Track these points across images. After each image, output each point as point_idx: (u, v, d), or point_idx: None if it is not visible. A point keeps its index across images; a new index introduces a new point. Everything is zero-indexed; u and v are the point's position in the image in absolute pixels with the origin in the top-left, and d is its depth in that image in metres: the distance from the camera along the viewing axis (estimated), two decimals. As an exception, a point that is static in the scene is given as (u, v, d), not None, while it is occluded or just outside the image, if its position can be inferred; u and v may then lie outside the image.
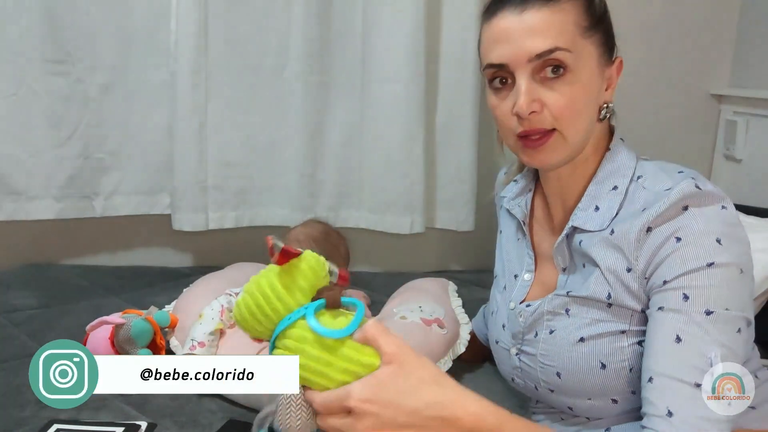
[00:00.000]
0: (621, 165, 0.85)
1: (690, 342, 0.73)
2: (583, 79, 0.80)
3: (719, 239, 0.74)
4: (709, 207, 0.76)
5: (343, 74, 1.77)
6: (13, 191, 1.68)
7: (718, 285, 0.73)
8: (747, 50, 1.90)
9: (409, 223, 1.83)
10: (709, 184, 0.77)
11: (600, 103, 0.84)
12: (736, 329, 0.74)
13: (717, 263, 0.74)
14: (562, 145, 0.82)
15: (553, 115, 0.80)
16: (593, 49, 0.81)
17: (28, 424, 1.04)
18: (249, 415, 1.11)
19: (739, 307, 0.74)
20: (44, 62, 1.64)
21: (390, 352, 0.64)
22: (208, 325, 1.16)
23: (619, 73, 0.86)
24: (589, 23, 0.81)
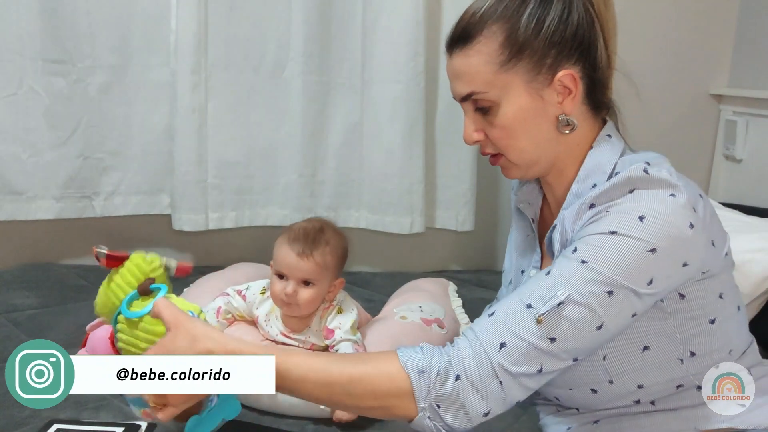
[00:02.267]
0: (601, 162, 0.86)
1: (552, 277, 0.76)
2: (512, 107, 0.83)
3: (642, 217, 0.74)
4: (654, 191, 0.76)
5: (343, 74, 1.77)
6: (13, 191, 1.68)
7: (608, 249, 0.74)
8: (746, 50, 1.90)
9: (409, 223, 1.83)
10: (665, 171, 0.77)
11: (555, 116, 0.85)
12: (605, 290, 0.73)
13: (621, 233, 0.74)
14: (512, 165, 0.89)
15: (493, 144, 0.87)
16: (518, 77, 0.82)
17: (28, 424, 1.04)
18: (249, 414, 1.11)
19: (622, 276, 0.73)
20: (44, 62, 1.64)
21: (168, 321, 0.77)
22: None
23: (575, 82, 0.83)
24: (507, 56, 0.81)
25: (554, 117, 0.85)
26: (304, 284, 1.15)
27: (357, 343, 1.16)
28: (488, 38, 0.82)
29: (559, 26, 0.81)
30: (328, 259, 1.16)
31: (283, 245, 1.16)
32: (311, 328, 1.18)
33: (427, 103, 1.77)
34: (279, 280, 1.16)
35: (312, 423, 1.10)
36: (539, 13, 0.80)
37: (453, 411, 0.74)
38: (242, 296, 1.23)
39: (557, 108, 0.84)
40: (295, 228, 1.18)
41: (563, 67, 0.82)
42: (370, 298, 1.61)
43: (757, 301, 1.31)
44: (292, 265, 1.14)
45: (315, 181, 1.81)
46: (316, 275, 1.15)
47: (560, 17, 0.81)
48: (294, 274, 1.14)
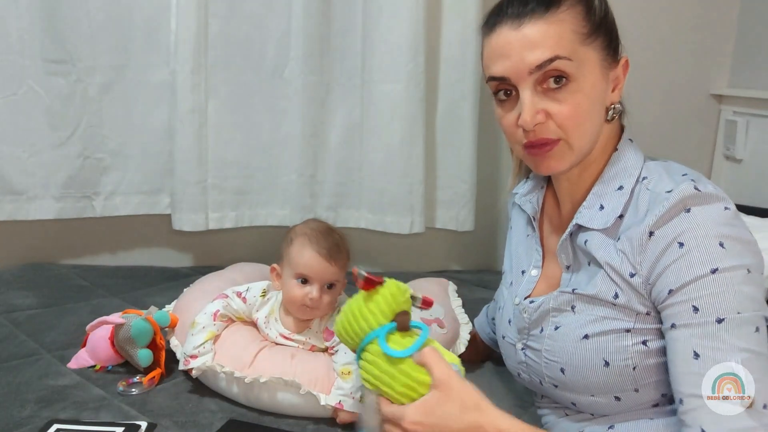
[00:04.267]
0: (627, 165, 0.86)
1: (708, 356, 0.72)
2: (586, 86, 0.81)
3: (722, 242, 0.74)
4: (710, 207, 0.76)
5: (343, 74, 1.77)
6: (13, 191, 1.68)
7: (724, 291, 0.73)
8: (747, 50, 1.90)
9: (409, 223, 1.83)
10: (710, 186, 0.77)
11: (606, 105, 0.85)
12: (753, 330, 0.73)
13: (721, 268, 0.73)
14: (567, 152, 0.83)
15: (558, 124, 0.81)
16: (595, 54, 0.81)
17: (28, 424, 1.04)
18: (249, 415, 1.11)
19: (751, 307, 0.73)
20: (44, 62, 1.64)
21: (439, 378, 0.75)
22: (198, 336, 1.16)
23: (626, 72, 0.86)
24: (589, 29, 0.81)
25: (605, 106, 0.85)
26: (327, 287, 1.15)
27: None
28: (572, 8, 0.80)
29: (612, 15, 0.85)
30: (347, 259, 1.17)
31: (306, 249, 1.13)
32: (311, 329, 1.18)
33: (427, 103, 1.77)
34: (301, 285, 1.14)
35: (312, 423, 1.10)
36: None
37: None
38: (242, 298, 1.23)
39: (609, 96, 0.85)
40: (308, 231, 1.16)
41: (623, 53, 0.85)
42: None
43: (757, 301, 1.31)
44: (320, 269, 1.12)
45: (315, 181, 1.81)
46: (339, 277, 1.16)
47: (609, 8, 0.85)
48: (321, 278, 1.13)
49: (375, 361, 0.78)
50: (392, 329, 0.80)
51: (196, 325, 1.17)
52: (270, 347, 1.17)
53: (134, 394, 1.16)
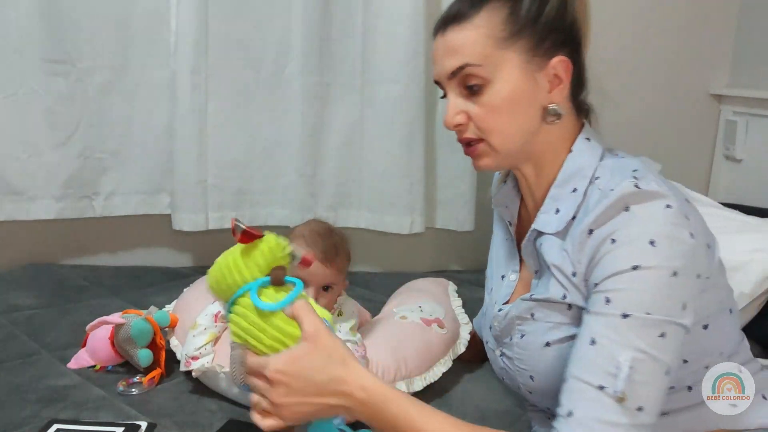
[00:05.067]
0: (581, 166, 0.85)
1: (603, 345, 0.72)
2: (505, 88, 0.82)
3: (653, 241, 0.72)
4: (650, 205, 0.74)
5: (343, 74, 1.77)
6: (13, 191, 1.68)
7: (640, 289, 0.72)
8: (746, 50, 1.90)
9: (409, 223, 1.83)
10: (654, 183, 0.75)
11: (542, 106, 0.84)
12: (657, 334, 0.71)
13: (642, 266, 0.72)
14: (492, 152, 0.85)
15: (477, 126, 0.84)
16: (515, 57, 0.82)
17: (28, 424, 1.04)
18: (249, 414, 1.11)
19: (663, 311, 0.71)
20: (44, 62, 1.64)
21: (308, 330, 0.74)
22: (200, 338, 1.16)
23: (567, 72, 0.84)
24: (509, 32, 0.81)
25: (541, 106, 0.84)
26: (323, 290, 1.14)
27: (357, 344, 1.15)
28: (490, 13, 0.81)
29: (557, 13, 0.82)
30: (345, 262, 1.16)
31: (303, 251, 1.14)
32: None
33: (427, 103, 1.77)
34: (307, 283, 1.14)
35: (312, 423, 1.10)
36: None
37: None
38: None
39: (546, 96, 0.84)
40: (307, 233, 1.16)
41: (559, 54, 0.83)
42: (370, 298, 1.61)
43: (757, 301, 1.30)
44: (316, 272, 1.12)
45: (315, 181, 1.81)
46: (336, 279, 1.15)
47: (558, 7, 0.82)
48: (316, 281, 1.13)
49: (245, 313, 0.76)
50: (266, 283, 0.78)
51: (197, 326, 1.17)
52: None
53: (134, 394, 1.16)
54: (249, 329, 0.76)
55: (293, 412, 0.74)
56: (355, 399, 0.74)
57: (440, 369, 1.23)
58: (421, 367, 1.19)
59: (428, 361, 1.22)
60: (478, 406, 1.17)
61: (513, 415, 1.12)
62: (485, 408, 1.16)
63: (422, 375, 1.19)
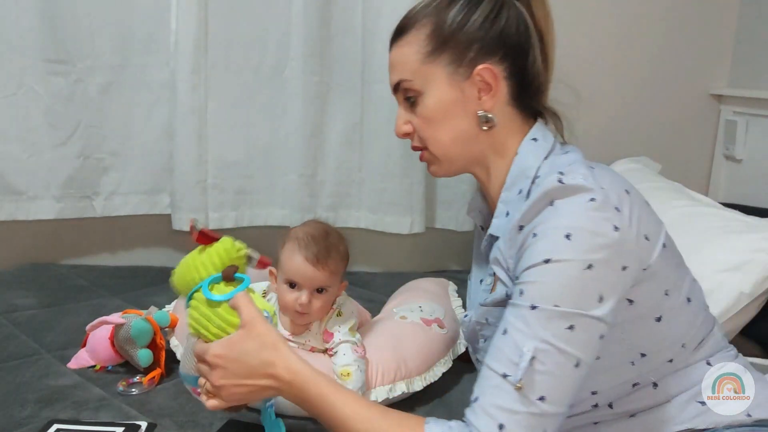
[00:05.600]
0: (525, 167, 0.86)
1: (511, 335, 0.74)
2: (434, 99, 0.87)
3: (569, 234, 0.72)
4: (573, 199, 0.74)
5: (343, 74, 1.77)
6: (13, 191, 1.68)
7: (549, 281, 0.73)
8: (746, 50, 1.90)
9: (409, 223, 1.83)
10: (580, 178, 0.75)
11: (475, 112, 0.87)
12: (565, 326, 0.71)
13: (554, 259, 0.72)
14: (434, 160, 0.92)
15: (418, 135, 0.91)
16: (440, 69, 0.87)
17: (28, 424, 1.04)
18: (249, 415, 1.11)
19: (573, 303, 0.72)
20: (44, 62, 1.64)
21: (245, 319, 0.81)
22: None
23: (496, 79, 0.86)
24: (433, 47, 0.86)
25: (474, 113, 0.87)
26: (317, 292, 1.14)
27: (356, 344, 1.15)
28: (418, 30, 0.87)
29: (484, 24, 0.85)
30: (339, 265, 1.15)
31: (295, 254, 1.13)
32: (311, 331, 1.18)
33: (427, 103, 1.77)
34: (290, 290, 1.14)
35: (312, 423, 1.10)
36: (466, 11, 0.86)
37: None
38: None
39: (477, 104, 0.87)
40: (301, 235, 1.16)
41: (484, 63, 0.85)
42: (370, 298, 1.61)
43: (757, 301, 1.30)
44: (307, 274, 1.12)
45: (315, 181, 1.81)
46: (330, 282, 1.14)
47: (486, 17, 0.85)
48: (309, 284, 1.13)
49: (197, 306, 0.85)
50: (217, 279, 0.86)
51: None
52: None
53: (134, 394, 1.16)
54: (199, 320, 0.84)
55: (231, 393, 0.81)
56: (283, 380, 0.80)
57: (440, 369, 1.23)
58: (421, 367, 1.19)
59: (428, 361, 1.22)
60: (478, 406, 1.17)
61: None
62: (485, 408, 1.16)
63: (422, 375, 1.19)
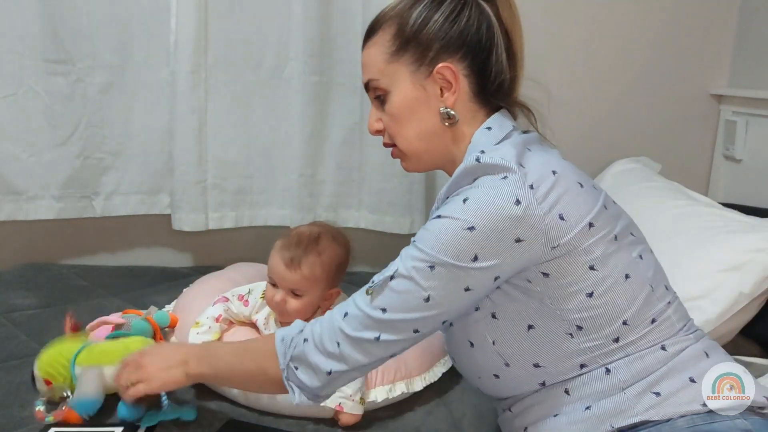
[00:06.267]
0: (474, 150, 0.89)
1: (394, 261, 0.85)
2: (399, 96, 0.92)
3: (466, 199, 0.80)
4: (488, 177, 0.81)
5: (343, 74, 1.77)
6: (13, 191, 1.68)
7: (433, 230, 0.81)
8: (746, 50, 1.90)
9: (409, 223, 1.83)
10: (497, 156, 0.81)
11: (437, 109, 0.91)
12: (427, 265, 0.80)
13: (444, 216, 0.81)
14: (404, 155, 0.95)
15: (387, 132, 0.95)
16: (403, 68, 0.91)
17: (28, 424, 1.04)
18: (249, 415, 1.11)
19: (441, 251, 0.79)
20: (44, 62, 1.64)
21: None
22: (205, 336, 1.16)
23: (455, 76, 0.89)
24: (397, 47, 0.91)
25: (437, 109, 0.91)
26: (293, 294, 1.15)
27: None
28: (384, 31, 0.92)
29: (444, 24, 0.89)
30: (317, 271, 1.14)
31: (275, 254, 1.16)
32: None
33: (427, 103, 1.77)
34: (271, 287, 1.17)
35: (312, 423, 1.10)
36: (427, 12, 0.90)
37: (305, 370, 0.87)
38: (244, 301, 1.22)
39: (439, 101, 0.91)
40: (291, 235, 1.17)
41: (444, 61, 0.89)
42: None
43: (757, 301, 1.30)
44: (280, 275, 1.14)
45: (315, 181, 1.81)
46: (304, 287, 1.14)
47: (447, 17, 0.89)
48: (282, 284, 1.15)
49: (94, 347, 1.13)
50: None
51: (201, 324, 1.17)
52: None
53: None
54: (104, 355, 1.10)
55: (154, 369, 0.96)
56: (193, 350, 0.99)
57: (440, 369, 1.23)
58: (421, 367, 1.19)
59: (428, 361, 1.22)
60: (478, 406, 1.17)
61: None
62: (485, 408, 1.16)
63: (422, 375, 1.19)
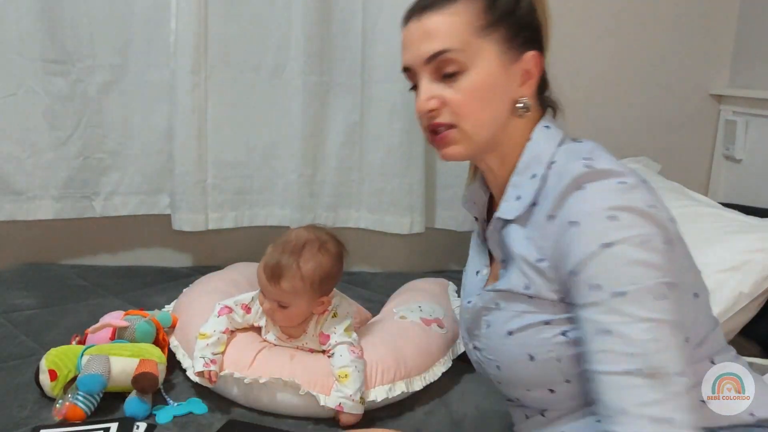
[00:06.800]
0: (539, 152, 0.86)
1: (613, 331, 0.71)
2: (481, 76, 0.84)
3: (612, 216, 0.73)
4: (602, 183, 0.75)
5: (343, 74, 1.77)
6: (12, 191, 1.68)
7: (617, 265, 0.72)
8: (746, 50, 1.90)
9: (409, 223, 1.83)
10: (606, 163, 0.77)
11: (513, 98, 0.86)
12: (654, 298, 0.71)
13: (610, 242, 0.72)
14: (463, 139, 0.87)
15: (452, 110, 0.86)
16: (492, 47, 0.84)
17: (27, 424, 1.04)
18: (249, 415, 1.11)
19: (648, 276, 0.71)
20: (44, 62, 1.64)
21: None
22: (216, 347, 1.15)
23: (539, 67, 0.86)
24: (488, 22, 0.83)
25: (511, 98, 0.87)
26: (279, 304, 1.14)
27: (353, 344, 1.15)
28: (468, 2, 0.84)
29: (530, 11, 0.86)
30: (298, 285, 1.11)
31: (261, 263, 1.14)
32: (307, 333, 1.18)
33: (427, 103, 1.77)
34: (262, 294, 1.17)
35: (312, 423, 1.10)
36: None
37: None
38: (246, 309, 1.21)
39: (517, 90, 0.86)
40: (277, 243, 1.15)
41: (531, 50, 0.86)
42: (370, 298, 1.61)
43: (756, 301, 1.30)
44: (264, 287, 1.14)
45: (315, 181, 1.81)
46: (287, 299, 1.13)
47: (530, 4, 0.86)
48: (267, 296, 1.14)
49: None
50: None
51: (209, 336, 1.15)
52: (269, 348, 1.17)
53: None
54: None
55: None
56: None
57: (440, 369, 1.23)
58: (420, 367, 1.19)
59: (428, 361, 1.22)
60: (478, 406, 1.17)
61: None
62: (485, 408, 1.16)
63: (422, 375, 1.19)
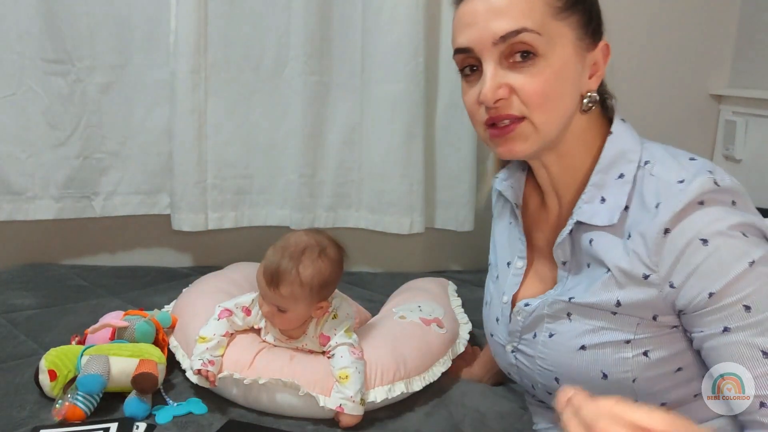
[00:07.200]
0: (624, 150, 0.80)
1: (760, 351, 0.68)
2: (556, 63, 0.75)
3: (744, 232, 0.69)
4: (724, 198, 0.72)
5: (343, 74, 1.77)
6: (12, 191, 1.68)
7: (762, 283, 0.69)
8: (747, 50, 1.90)
9: (409, 223, 1.83)
10: (727, 178, 0.73)
11: (582, 92, 0.79)
12: None
13: (756, 259, 0.68)
14: (531, 133, 0.77)
15: (523, 101, 0.75)
16: (569, 32, 0.76)
17: (27, 424, 1.04)
18: (248, 415, 1.11)
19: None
20: (44, 62, 1.64)
21: None
22: (216, 350, 1.15)
23: (606, 59, 0.80)
24: (565, 3, 0.75)
25: (580, 92, 0.79)
26: (277, 308, 1.14)
27: (353, 345, 1.15)
28: None
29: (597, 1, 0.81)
30: (297, 291, 1.11)
31: (260, 266, 1.14)
32: (307, 335, 1.18)
33: (427, 103, 1.77)
34: (261, 297, 1.17)
35: (312, 423, 1.10)
36: None
37: None
38: (246, 311, 1.21)
39: (586, 83, 0.79)
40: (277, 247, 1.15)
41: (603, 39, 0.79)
42: (370, 298, 1.61)
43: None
44: (263, 291, 1.14)
45: (315, 181, 1.81)
46: (286, 304, 1.12)
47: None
48: (266, 300, 1.14)
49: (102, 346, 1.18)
50: None
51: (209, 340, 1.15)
52: (269, 349, 1.17)
53: None
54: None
55: None
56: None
57: (439, 369, 1.23)
58: (420, 367, 1.19)
59: (427, 361, 1.21)
60: (478, 406, 1.16)
61: (514, 416, 1.12)
62: (485, 408, 1.15)
63: (421, 375, 1.19)
